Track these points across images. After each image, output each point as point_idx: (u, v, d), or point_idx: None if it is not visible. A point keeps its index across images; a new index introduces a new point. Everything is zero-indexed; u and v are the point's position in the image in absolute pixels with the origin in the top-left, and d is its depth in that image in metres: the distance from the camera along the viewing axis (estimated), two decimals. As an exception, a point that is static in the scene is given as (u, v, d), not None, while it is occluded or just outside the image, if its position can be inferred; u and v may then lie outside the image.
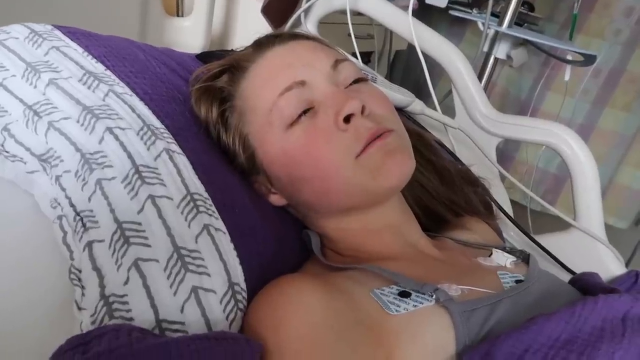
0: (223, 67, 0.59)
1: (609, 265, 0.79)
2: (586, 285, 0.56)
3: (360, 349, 0.40)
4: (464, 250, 0.59)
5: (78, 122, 0.51)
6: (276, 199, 0.58)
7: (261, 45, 0.58)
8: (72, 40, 0.60)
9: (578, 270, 0.70)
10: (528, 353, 0.39)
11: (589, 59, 1.26)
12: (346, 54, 1.05)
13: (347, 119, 0.50)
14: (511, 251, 0.58)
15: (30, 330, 0.43)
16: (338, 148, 0.50)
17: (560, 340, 0.40)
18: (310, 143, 0.51)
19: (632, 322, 0.44)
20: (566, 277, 0.64)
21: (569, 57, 1.34)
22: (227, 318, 0.43)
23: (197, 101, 0.58)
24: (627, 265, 0.91)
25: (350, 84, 0.55)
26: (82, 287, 0.43)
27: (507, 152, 1.78)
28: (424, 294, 0.45)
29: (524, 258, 0.57)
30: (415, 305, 0.44)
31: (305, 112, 0.52)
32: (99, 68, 0.57)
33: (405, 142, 0.54)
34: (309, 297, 0.42)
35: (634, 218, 1.73)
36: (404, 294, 0.45)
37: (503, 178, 0.97)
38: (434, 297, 0.44)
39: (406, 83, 0.97)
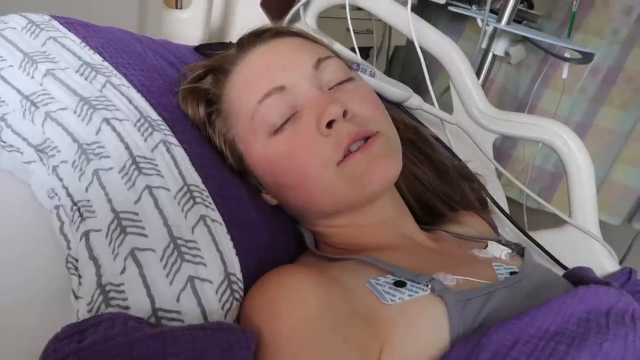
0: (207, 69, 0.58)
1: (603, 262, 0.79)
2: (580, 280, 0.56)
3: (354, 340, 0.40)
4: (459, 243, 0.59)
5: (75, 112, 0.51)
6: (268, 199, 0.58)
7: (242, 46, 0.57)
8: (69, 30, 0.60)
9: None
10: (518, 344, 0.39)
11: (587, 57, 1.27)
12: (345, 48, 1.06)
13: (329, 124, 0.50)
14: (506, 244, 0.58)
15: (26, 317, 0.44)
16: (319, 155, 0.50)
17: (549, 332, 0.41)
18: (292, 150, 0.50)
19: (615, 315, 0.45)
20: (560, 273, 0.65)
21: (567, 55, 1.34)
22: (222, 308, 0.43)
23: (183, 101, 0.58)
24: (620, 262, 0.92)
25: (336, 85, 0.54)
26: (79, 276, 0.43)
27: (504, 149, 1.78)
28: (419, 283, 0.45)
29: (519, 251, 0.57)
30: (411, 295, 0.44)
31: (288, 119, 0.51)
32: (96, 59, 0.57)
33: (392, 144, 0.54)
34: (304, 289, 0.42)
35: (626, 215, 1.73)
36: (399, 284, 0.45)
37: (499, 175, 0.97)
38: (429, 286, 0.44)
39: (404, 79, 0.97)
